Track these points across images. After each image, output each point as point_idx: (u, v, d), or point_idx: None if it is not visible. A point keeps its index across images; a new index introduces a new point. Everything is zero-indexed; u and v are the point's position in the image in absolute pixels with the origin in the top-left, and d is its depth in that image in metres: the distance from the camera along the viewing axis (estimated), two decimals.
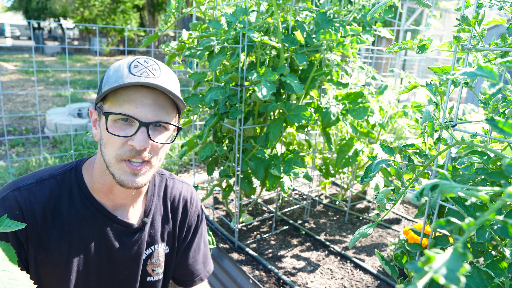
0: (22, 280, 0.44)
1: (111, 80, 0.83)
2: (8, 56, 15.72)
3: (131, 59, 0.86)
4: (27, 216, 0.85)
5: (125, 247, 0.97)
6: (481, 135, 0.97)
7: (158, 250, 1.06)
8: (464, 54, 0.97)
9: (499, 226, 0.32)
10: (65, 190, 0.90)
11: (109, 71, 0.86)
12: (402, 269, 1.85)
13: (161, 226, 1.06)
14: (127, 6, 19.91)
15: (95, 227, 0.92)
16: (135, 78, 0.81)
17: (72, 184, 0.91)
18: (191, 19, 2.28)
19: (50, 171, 0.92)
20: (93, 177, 0.92)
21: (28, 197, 0.86)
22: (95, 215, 0.92)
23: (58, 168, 0.94)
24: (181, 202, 1.11)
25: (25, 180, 0.89)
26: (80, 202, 0.90)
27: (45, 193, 0.88)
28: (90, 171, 0.93)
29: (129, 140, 0.83)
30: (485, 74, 0.39)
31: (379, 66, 7.54)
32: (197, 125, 3.52)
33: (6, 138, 3.06)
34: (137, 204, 1.00)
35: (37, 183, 0.89)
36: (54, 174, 0.92)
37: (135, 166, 0.85)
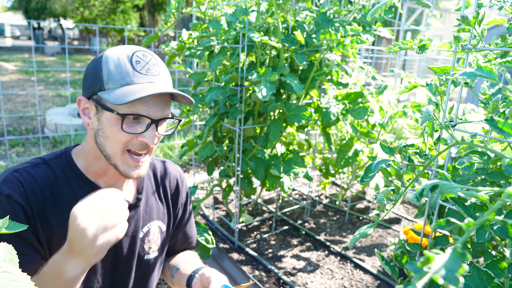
0: (23, 281, 0.44)
1: (116, 76, 0.85)
2: (8, 56, 15.72)
3: (129, 51, 0.87)
4: (29, 193, 0.87)
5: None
6: (481, 135, 0.97)
7: (154, 227, 1.10)
8: (464, 54, 0.97)
9: (499, 226, 0.32)
10: (59, 173, 0.93)
11: (107, 64, 0.85)
12: (402, 269, 1.85)
13: (155, 204, 1.10)
14: (127, 6, 19.91)
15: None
16: (147, 85, 0.85)
17: (65, 167, 0.94)
18: (191, 19, 2.28)
19: (41, 158, 0.96)
20: (86, 162, 0.96)
21: (27, 177, 0.89)
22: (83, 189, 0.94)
23: (48, 156, 0.98)
24: (172, 181, 1.17)
25: (20, 165, 0.92)
26: (75, 182, 0.94)
27: (41, 174, 0.91)
28: (82, 156, 0.96)
29: (140, 137, 0.88)
30: (484, 75, 0.39)
31: (379, 66, 7.54)
32: (197, 125, 3.52)
33: (6, 138, 3.06)
34: (129, 183, 1.04)
35: (32, 166, 0.92)
36: (45, 159, 0.95)
37: (139, 158, 0.91)
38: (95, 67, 0.87)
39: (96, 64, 0.87)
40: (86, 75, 0.91)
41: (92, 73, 0.88)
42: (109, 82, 0.85)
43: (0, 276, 0.44)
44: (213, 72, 1.95)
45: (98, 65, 0.87)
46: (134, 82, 0.85)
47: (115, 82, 0.85)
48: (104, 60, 0.87)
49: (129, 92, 0.83)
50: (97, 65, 0.87)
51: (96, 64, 0.88)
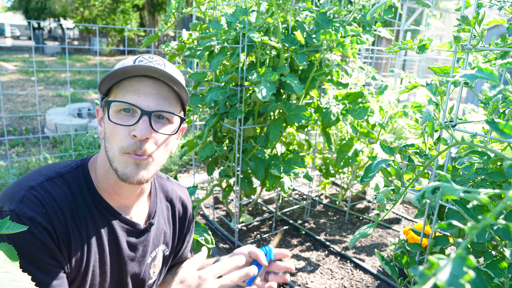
0: (24, 281, 0.44)
1: (117, 76, 0.84)
2: (8, 56, 15.72)
3: (137, 56, 0.87)
4: (52, 215, 0.80)
5: (132, 248, 0.96)
6: (481, 135, 0.97)
7: (159, 252, 1.06)
8: (464, 54, 0.97)
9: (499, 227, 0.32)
10: (76, 189, 0.87)
11: (113, 68, 0.87)
12: (402, 269, 1.85)
13: (164, 228, 1.07)
14: (127, 6, 19.91)
15: (106, 226, 0.91)
16: (138, 66, 0.81)
17: (81, 183, 0.88)
18: (191, 19, 2.28)
19: (55, 169, 0.88)
20: (97, 176, 0.91)
21: (46, 196, 0.81)
22: (105, 215, 0.90)
23: (64, 167, 0.90)
24: (181, 204, 1.13)
25: (33, 179, 0.83)
26: (91, 201, 0.88)
27: (59, 192, 0.84)
28: (94, 170, 0.92)
29: (132, 131, 0.81)
30: (485, 76, 0.39)
31: (379, 66, 7.54)
32: (197, 125, 3.52)
33: (6, 138, 3.06)
34: (140, 205, 0.99)
35: (48, 181, 0.84)
36: (61, 172, 0.88)
37: (138, 156, 0.83)
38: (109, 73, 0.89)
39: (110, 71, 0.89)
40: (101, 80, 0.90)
41: (104, 78, 0.86)
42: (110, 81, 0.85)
43: (0, 276, 0.44)
44: (213, 72, 1.95)
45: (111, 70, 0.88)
46: (126, 67, 0.81)
47: (114, 78, 0.84)
48: (117, 65, 0.88)
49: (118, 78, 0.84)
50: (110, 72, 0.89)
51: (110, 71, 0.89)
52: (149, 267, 1.03)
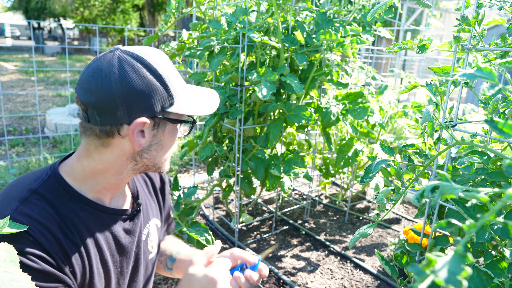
0: (24, 281, 0.44)
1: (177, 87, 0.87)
2: (8, 56, 15.72)
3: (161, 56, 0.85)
4: (40, 239, 0.77)
5: (129, 233, 0.98)
6: (481, 135, 0.97)
7: (152, 226, 1.09)
8: (464, 54, 0.97)
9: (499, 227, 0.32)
10: (55, 200, 0.83)
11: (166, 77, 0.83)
12: (402, 269, 1.85)
13: (149, 203, 1.09)
14: (127, 6, 19.91)
15: (98, 225, 0.90)
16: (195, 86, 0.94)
17: (58, 191, 0.84)
18: (191, 19, 2.28)
19: (26, 186, 0.83)
20: (94, 180, 0.88)
21: (27, 220, 0.76)
22: (93, 213, 0.89)
23: (34, 181, 0.84)
24: (158, 174, 1.16)
25: (6, 206, 0.78)
26: (75, 205, 0.86)
27: (38, 211, 0.79)
28: (72, 174, 0.87)
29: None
30: (484, 76, 0.39)
31: (379, 66, 7.54)
32: (197, 125, 3.52)
33: (6, 138, 3.07)
34: (124, 190, 1.00)
35: (23, 204, 0.79)
36: (33, 188, 0.82)
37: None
38: (149, 83, 0.80)
39: (149, 80, 0.80)
40: (131, 91, 0.79)
41: (147, 88, 0.80)
42: (178, 95, 0.85)
43: (0, 276, 0.44)
44: (213, 72, 1.95)
45: (154, 81, 0.81)
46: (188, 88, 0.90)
47: (179, 92, 0.86)
48: (160, 74, 0.82)
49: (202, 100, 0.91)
50: (151, 81, 0.80)
51: (148, 80, 0.80)
52: (146, 244, 1.05)
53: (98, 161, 0.86)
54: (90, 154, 0.85)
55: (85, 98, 0.79)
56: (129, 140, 0.83)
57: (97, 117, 0.79)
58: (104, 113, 0.79)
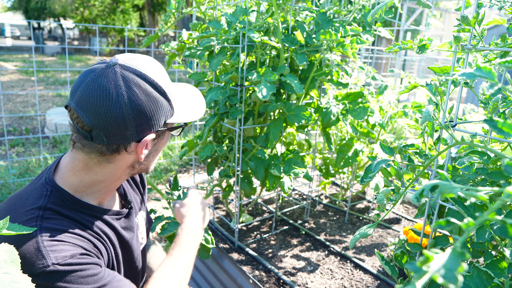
0: (24, 283, 0.44)
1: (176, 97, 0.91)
2: (8, 56, 15.72)
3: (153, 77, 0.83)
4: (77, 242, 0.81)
5: (127, 230, 1.03)
6: (481, 135, 0.97)
7: (140, 218, 1.15)
8: (464, 54, 0.97)
9: (499, 226, 0.32)
10: (65, 211, 0.85)
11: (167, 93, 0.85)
12: (402, 269, 1.85)
13: (133, 198, 1.13)
14: (127, 6, 19.91)
15: (107, 227, 0.95)
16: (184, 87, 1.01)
17: (65, 203, 0.85)
18: (191, 19, 2.28)
19: (30, 206, 0.82)
20: (97, 190, 0.90)
21: (56, 232, 0.79)
22: (100, 218, 0.93)
23: (36, 199, 0.84)
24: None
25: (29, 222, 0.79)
26: (84, 214, 0.88)
27: (59, 222, 0.82)
28: (69, 184, 0.87)
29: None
30: (483, 75, 0.39)
31: (379, 66, 7.54)
32: (197, 125, 3.52)
33: (6, 138, 3.07)
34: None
35: (42, 220, 0.80)
36: (41, 206, 0.82)
37: None
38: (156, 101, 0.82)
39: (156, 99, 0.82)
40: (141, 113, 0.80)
41: (155, 107, 0.82)
42: (176, 106, 0.90)
43: (0, 277, 0.44)
44: (213, 72, 1.95)
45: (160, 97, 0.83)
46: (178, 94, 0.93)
47: (176, 102, 0.90)
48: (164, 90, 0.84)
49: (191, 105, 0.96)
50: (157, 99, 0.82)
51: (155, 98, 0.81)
52: (137, 236, 1.11)
53: (100, 174, 0.87)
54: (91, 169, 0.86)
55: (91, 121, 0.77)
56: (134, 154, 0.86)
57: (104, 137, 0.79)
58: (113, 135, 0.79)
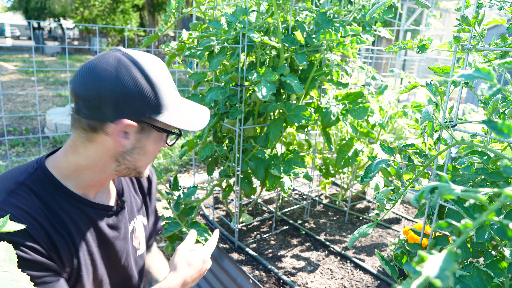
0: (23, 281, 0.44)
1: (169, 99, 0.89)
2: (8, 56, 15.72)
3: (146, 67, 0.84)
4: (30, 230, 0.79)
5: (113, 228, 1.00)
6: (481, 135, 0.97)
7: (138, 223, 1.13)
8: (464, 54, 0.97)
9: (498, 227, 0.32)
10: (42, 192, 0.85)
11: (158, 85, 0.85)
12: (402, 269, 1.85)
13: (134, 201, 1.12)
14: (127, 6, 19.92)
15: (83, 218, 0.92)
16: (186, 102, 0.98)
17: (45, 184, 0.86)
18: (191, 19, 2.28)
19: (12, 179, 0.84)
20: (79, 176, 0.90)
21: (17, 211, 0.78)
22: (79, 208, 0.91)
23: (20, 174, 0.86)
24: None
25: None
26: (61, 198, 0.87)
27: (26, 202, 0.81)
28: (57, 168, 0.89)
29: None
30: (482, 76, 0.39)
31: (379, 66, 7.54)
32: None
33: (6, 138, 3.07)
34: (108, 187, 1.04)
35: (11, 195, 0.80)
36: (20, 181, 0.84)
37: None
38: (140, 88, 0.82)
39: (141, 85, 0.82)
40: (121, 92, 0.81)
41: (137, 92, 0.82)
42: (167, 106, 0.88)
43: (0, 275, 0.45)
44: (213, 72, 1.95)
45: (147, 86, 0.83)
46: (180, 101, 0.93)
47: (170, 103, 0.89)
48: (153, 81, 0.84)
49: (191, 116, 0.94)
50: (142, 86, 0.82)
51: (140, 84, 0.82)
52: (132, 240, 1.09)
53: (84, 157, 0.88)
54: (77, 149, 0.88)
55: (77, 89, 0.82)
56: (113, 139, 0.86)
57: (85, 109, 0.82)
58: (91, 107, 0.82)
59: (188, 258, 1.02)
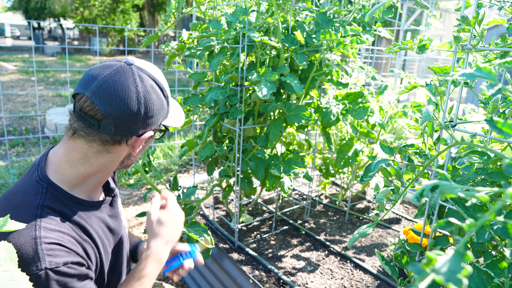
0: (22, 281, 0.44)
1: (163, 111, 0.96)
2: (8, 56, 15.71)
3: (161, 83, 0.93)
4: (73, 248, 0.84)
5: (113, 218, 1.06)
6: (481, 135, 0.97)
7: (120, 204, 1.18)
8: (464, 54, 0.97)
9: (499, 227, 0.32)
10: (61, 208, 0.87)
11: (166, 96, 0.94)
12: (402, 269, 1.85)
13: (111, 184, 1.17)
14: (127, 6, 19.92)
15: (94, 219, 0.97)
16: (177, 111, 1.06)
17: (60, 199, 0.88)
18: (191, 19, 2.28)
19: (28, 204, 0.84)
20: (87, 184, 0.94)
21: (56, 235, 0.82)
22: (90, 211, 0.96)
23: (34, 196, 0.85)
24: None
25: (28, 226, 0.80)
26: (77, 209, 0.91)
27: (58, 223, 0.84)
28: (63, 181, 0.90)
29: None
30: (483, 75, 0.39)
31: (379, 66, 7.54)
32: (197, 125, 3.53)
33: (6, 138, 3.07)
34: None
35: (41, 220, 0.82)
36: (39, 204, 0.84)
37: None
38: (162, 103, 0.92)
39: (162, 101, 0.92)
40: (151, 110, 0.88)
41: (160, 108, 0.91)
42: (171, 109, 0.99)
43: (0, 274, 0.45)
44: (213, 72, 1.95)
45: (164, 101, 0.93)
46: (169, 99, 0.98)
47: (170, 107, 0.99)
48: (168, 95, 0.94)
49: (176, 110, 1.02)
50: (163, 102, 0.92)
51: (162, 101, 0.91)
52: (122, 221, 1.15)
53: (95, 165, 0.91)
54: (88, 159, 0.90)
55: (107, 110, 0.83)
56: (131, 147, 0.93)
57: (112, 127, 0.85)
58: (122, 126, 0.86)
59: (159, 219, 1.06)
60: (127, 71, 0.85)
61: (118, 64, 0.86)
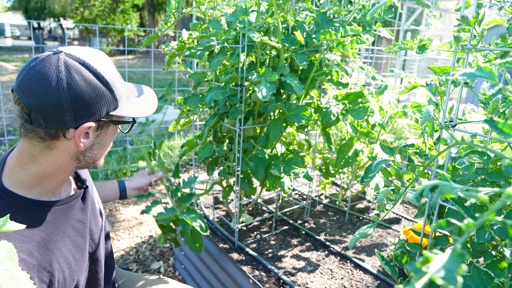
0: (23, 279, 0.44)
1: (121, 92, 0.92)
2: (8, 56, 15.71)
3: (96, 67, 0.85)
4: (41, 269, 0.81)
5: (85, 212, 1.03)
6: (481, 135, 0.97)
7: (95, 193, 1.17)
8: (464, 54, 0.97)
9: (499, 227, 0.32)
10: (18, 216, 0.83)
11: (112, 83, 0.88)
12: (402, 269, 1.85)
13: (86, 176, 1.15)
14: (127, 6, 19.92)
15: (62, 219, 0.93)
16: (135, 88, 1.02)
17: (18, 206, 0.84)
18: (191, 19, 2.28)
19: None
20: (44, 184, 0.89)
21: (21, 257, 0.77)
22: (55, 212, 0.91)
23: None
24: None
25: None
26: (37, 212, 0.87)
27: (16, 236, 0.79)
28: (26, 183, 0.87)
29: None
30: (484, 75, 0.39)
31: (379, 66, 7.54)
32: (197, 125, 3.52)
33: (6, 138, 3.07)
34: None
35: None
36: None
37: None
38: (97, 89, 0.83)
39: (97, 87, 0.83)
40: (79, 99, 0.81)
41: (96, 95, 0.83)
42: (121, 99, 0.91)
43: (1, 273, 0.45)
44: (213, 72, 1.95)
45: (102, 87, 0.84)
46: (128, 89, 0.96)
47: (123, 96, 0.93)
48: (107, 80, 0.85)
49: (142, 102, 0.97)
50: (98, 88, 0.83)
51: (96, 87, 0.83)
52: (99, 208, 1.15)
53: (45, 165, 0.86)
54: (36, 159, 0.85)
55: (29, 102, 0.78)
56: (74, 141, 0.86)
57: (41, 121, 0.80)
58: (50, 118, 0.80)
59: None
60: (51, 60, 0.79)
61: (46, 53, 0.82)
